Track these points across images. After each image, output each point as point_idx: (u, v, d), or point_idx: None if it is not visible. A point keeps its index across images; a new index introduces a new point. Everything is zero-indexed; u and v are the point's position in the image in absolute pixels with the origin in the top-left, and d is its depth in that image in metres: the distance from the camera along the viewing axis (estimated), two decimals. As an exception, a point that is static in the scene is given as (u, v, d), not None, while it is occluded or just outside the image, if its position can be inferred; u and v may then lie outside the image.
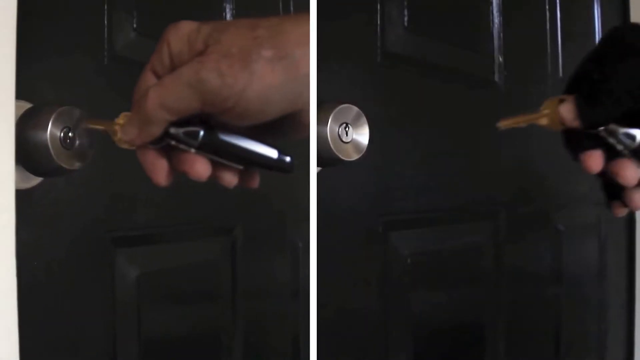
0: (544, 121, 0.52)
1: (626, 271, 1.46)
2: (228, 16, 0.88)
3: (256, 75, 0.45)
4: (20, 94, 0.60)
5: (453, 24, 1.05)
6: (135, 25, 0.77)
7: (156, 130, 0.47)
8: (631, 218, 1.46)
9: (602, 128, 0.49)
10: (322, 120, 0.78)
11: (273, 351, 0.97)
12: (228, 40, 0.45)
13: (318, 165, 0.81)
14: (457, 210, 1.07)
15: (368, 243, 0.94)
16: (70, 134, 0.61)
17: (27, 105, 0.63)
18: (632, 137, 0.49)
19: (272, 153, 0.50)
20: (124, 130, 0.49)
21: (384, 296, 0.96)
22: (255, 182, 0.53)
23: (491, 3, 1.11)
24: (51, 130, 0.60)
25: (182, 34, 0.47)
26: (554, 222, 1.29)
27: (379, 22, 0.94)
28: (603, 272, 1.41)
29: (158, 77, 0.48)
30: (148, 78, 0.48)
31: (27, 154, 0.60)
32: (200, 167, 0.48)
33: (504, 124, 0.55)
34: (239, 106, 0.45)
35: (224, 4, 0.87)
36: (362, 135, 0.82)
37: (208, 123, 0.48)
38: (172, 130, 0.48)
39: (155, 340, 0.81)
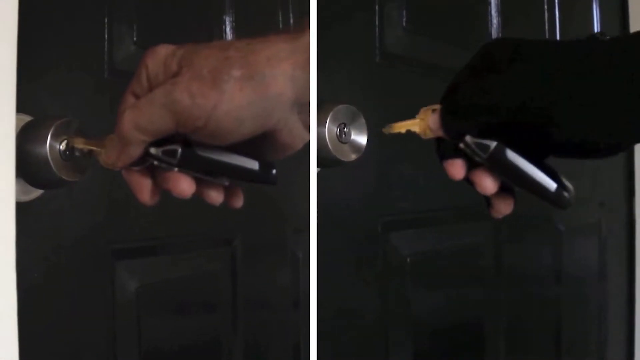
0: (418, 128, 0.54)
1: (626, 271, 1.47)
2: (228, 28, 0.88)
3: (226, 94, 0.46)
4: (20, 107, 0.61)
5: (452, 25, 1.06)
6: (135, 38, 0.77)
7: (135, 152, 0.49)
8: (631, 219, 1.46)
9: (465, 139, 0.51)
10: (320, 121, 0.78)
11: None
12: (200, 61, 0.47)
13: (317, 166, 0.81)
14: (457, 210, 1.07)
15: (368, 243, 0.94)
16: (69, 146, 0.61)
17: (27, 118, 0.63)
18: (484, 148, 0.50)
19: (254, 165, 0.51)
20: (105, 153, 0.50)
21: (384, 296, 0.96)
22: (239, 201, 0.53)
23: (490, 4, 1.11)
24: (50, 143, 0.60)
25: (159, 58, 0.48)
26: (555, 222, 1.29)
27: (377, 23, 0.94)
28: (603, 272, 1.41)
29: (137, 99, 0.49)
30: (128, 101, 0.49)
31: (27, 167, 0.60)
32: (183, 185, 0.50)
33: (386, 130, 0.59)
34: (209, 125, 0.46)
35: (224, 16, 0.87)
36: (360, 136, 0.82)
37: (187, 141, 0.49)
38: (152, 150, 0.49)
39: (155, 351, 0.81)
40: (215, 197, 0.52)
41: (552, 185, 0.51)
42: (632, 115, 0.45)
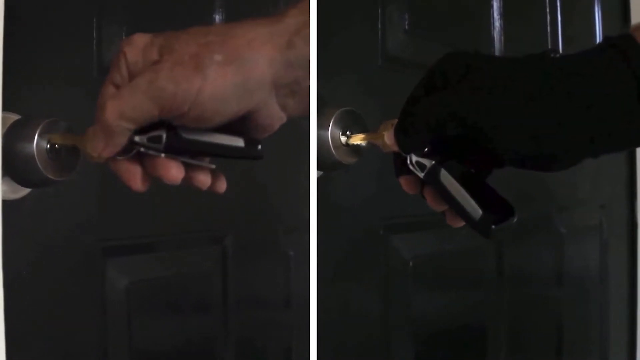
0: (379, 142, 0.56)
1: (628, 273, 1.47)
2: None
3: (209, 79, 0.47)
4: (8, 106, 0.61)
5: (454, 28, 1.06)
6: (124, 37, 0.76)
7: (120, 141, 0.49)
8: (633, 221, 1.46)
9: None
10: (323, 125, 0.78)
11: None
12: (181, 48, 0.47)
13: (319, 169, 0.81)
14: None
15: (369, 246, 0.94)
16: (56, 146, 0.61)
17: (15, 117, 0.63)
18: (422, 167, 0.52)
19: (239, 142, 0.51)
20: (90, 145, 0.50)
21: (386, 299, 0.96)
22: (222, 185, 0.53)
23: (492, 6, 1.11)
24: (38, 142, 0.60)
25: (136, 46, 0.49)
26: (556, 224, 1.29)
27: (379, 26, 0.94)
28: (605, 274, 1.41)
29: (117, 89, 0.49)
30: (108, 91, 0.49)
31: (14, 165, 0.61)
32: (172, 171, 0.50)
33: (349, 140, 0.63)
34: (194, 110, 0.47)
35: (214, 15, 0.87)
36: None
37: (171, 126, 0.49)
38: (137, 138, 0.49)
39: (146, 350, 0.81)
40: (204, 180, 0.52)
41: (477, 213, 0.51)
42: (576, 132, 0.46)
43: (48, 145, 0.61)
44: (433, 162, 0.51)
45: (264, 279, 0.96)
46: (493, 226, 0.50)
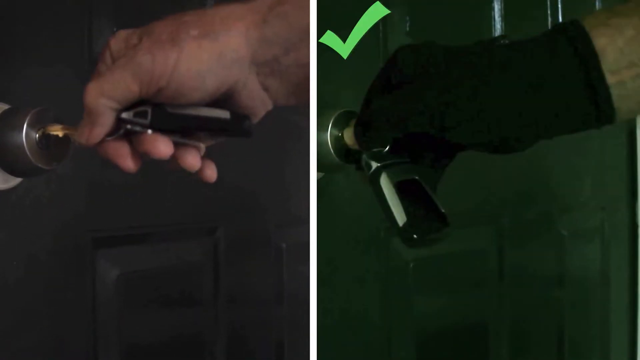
0: (348, 139, 0.57)
1: (629, 275, 1.47)
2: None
3: (185, 51, 0.47)
4: None
5: (455, 30, 1.06)
6: (115, 30, 0.76)
7: (105, 121, 0.49)
8: (634, 222, 1.46)
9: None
10: (322, 126, 0.78)
11: (256, 356, 0.97)
12: (159, 29, 0.49)
13: (319, 171, 0.81)
14: (459, 215, 1.07)
15: (370, 247, 0.94)
16: (45, 134, 0.61)
17: (4, 106, 0.63)
18: (369, 167, 0.53)
19: (225, 115, 0.51)
20: (78, 133, 0.51)
21: (386, 301, 0.96)
22: (213, 173, 0.53)
23: (493, 9, 1.11)
24: (27, 131, 0.60)
25: (120, 37, 0.51)
26: (557, 226, 1.29)
27: (380, 28, 0.94)
28: (606, 275, 1.41)
29: None
30: (93, 79, 0.50)
31: (4, 155, 0.61)
32: (160, 146, 0.50)
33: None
34: (172, 84, 0.48)
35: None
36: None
37: (157, 103, 0.50)
38: (124, 115, 0.49)
39: (136, 342, 0.80)
40: (192, 161, 0.52)
41: (402, 220, 0.52)
42: (529, 115, 0.47)
43: (37, 135, 0.61)
44: (378, 164, 0.52)
45: (256, 272, 0.96)
46: (414, 235, 0.52)
